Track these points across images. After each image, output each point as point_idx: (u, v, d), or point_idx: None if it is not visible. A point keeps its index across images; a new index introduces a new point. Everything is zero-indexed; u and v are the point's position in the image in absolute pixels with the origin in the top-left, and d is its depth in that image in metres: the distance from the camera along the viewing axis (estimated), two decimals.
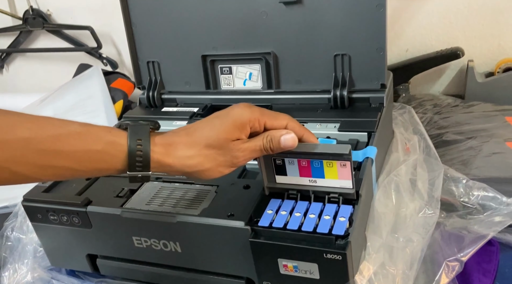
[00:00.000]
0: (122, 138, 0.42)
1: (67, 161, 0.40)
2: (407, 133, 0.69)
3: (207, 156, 0.43)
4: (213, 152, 0.43)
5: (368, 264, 0.44)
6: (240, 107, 0.45)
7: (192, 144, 0.43)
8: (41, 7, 1.14)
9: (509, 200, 0.57)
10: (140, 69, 0.76)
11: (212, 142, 0.43)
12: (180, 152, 0.43)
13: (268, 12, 0.66)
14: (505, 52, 0.89)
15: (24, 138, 0.38)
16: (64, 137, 0.40)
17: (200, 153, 0.43)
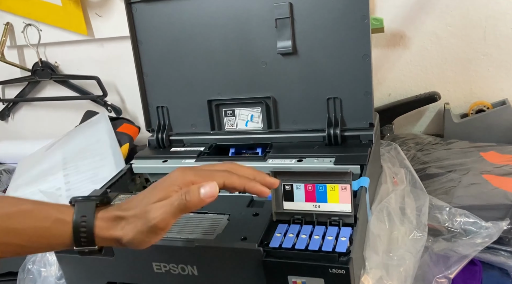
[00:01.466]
0: (68, 216, 0.45)
1: (17, 238, 0.43)
2: (394, 167, 0.76)
3: (131, 224, 0.45)
4: (135, 219, 0.45)
5: (368, 278, 0.50)
6: (174, 172, 0.48)
7: (123, 216, 0.45)
8: (50, 59, 1.22)
9: (487, 224, 0.64)
10: (150, 114, 0.83)
11: (136, 210, 0.45)
12: (118, 225, 0.45)
13: (268, 62, 0.75)
14: (476, 95, 0.99)
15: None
16: (15, 215, 0.44)
17: (127, 222, 0.45)
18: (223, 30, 0.75)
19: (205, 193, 0.45)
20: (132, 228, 0.45)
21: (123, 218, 0.45)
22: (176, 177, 0.47)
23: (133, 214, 0.45)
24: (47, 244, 0.45)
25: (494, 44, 0.94)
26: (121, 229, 0.45)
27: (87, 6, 1.12)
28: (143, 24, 0.79)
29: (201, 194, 0.45)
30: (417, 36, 0.98)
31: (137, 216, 0.45)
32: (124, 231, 0.45)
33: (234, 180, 0.48)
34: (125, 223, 0.45)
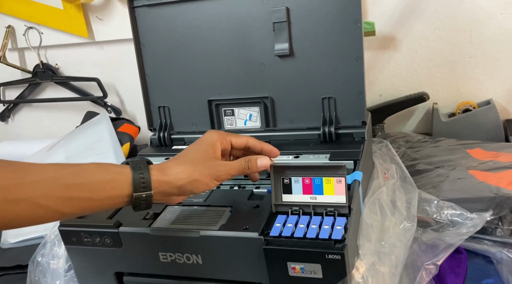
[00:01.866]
0: (127, 169, 0.52)
1: (85, 191, 0.49)
2: (386, 163, 0.81)
3: (194, 170, 0.55)
4: (198, 167, 0.55)
5: (361, 263, 0.54)
6: (209, 133, 0.61)
7: (181, 163, 0.55)
8: (50, 61, 1.25)
9: (472, 215, 0.68)
10: (152, 113, 0.87)
11: (196, 160, 0.56)
12: (173, 170, 0.54)
13: (266, 63, 0.78)
14: (462, 96, 1.04)
15: (51, 177, 0.47)
16: (82, 172, 0.50)
17: (188, 168, 0.54)
18: (223, 33, 0.79)
19: (261, 164, 0.59)
20: (197, 173, 0.54)
21: (180, 165, 0.55)
22: (212, 135, 0.60)
23: (192, 162, 0.55)
24: (108, 196, 0.50)
25: (479, 47, 0.99)
26: (181, 173, 0.54)
27: (88, 9, 1.15)
28: (146, 27, 0.83)
29: (258, 163, 0.59)
30: (407, 39, 1.02)
31: (200, 165, 0.55)
32: (185, 174, 0.54)
33: (254, 141, 0.62)
34: (184, 169, 0.54)
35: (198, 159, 0.56)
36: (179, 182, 0.54)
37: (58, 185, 0.47)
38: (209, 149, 0.58)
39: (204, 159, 0.56)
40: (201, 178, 0.55)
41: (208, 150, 0.57)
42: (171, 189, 0.54)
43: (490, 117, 0.97)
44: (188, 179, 0.54)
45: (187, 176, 0.54)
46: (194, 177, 0.54)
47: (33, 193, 0.46)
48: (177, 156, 0.57)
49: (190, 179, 0.54)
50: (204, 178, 0.55)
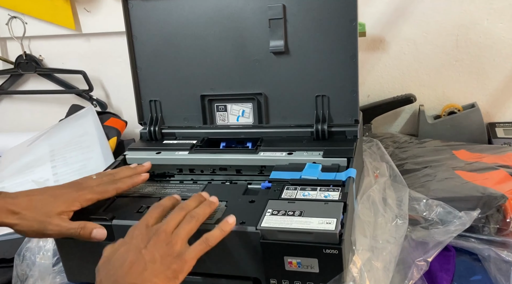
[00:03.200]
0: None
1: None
2: (375, 162, 0.82)
3: (28, 222, 0.56)
4: (34, 221, 0.57)
5: (358, 258, 0.54)
6: (72, 186, 0.62)
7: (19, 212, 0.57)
8: (34, 52, 1.22)
9: (460, 214, 0.70)
10: (143, 107, 0.86)
11: (37, 214, 0.57)
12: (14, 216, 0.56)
13: (260, 60, 0.79)
14: (448, 99, 1.06)
15: None
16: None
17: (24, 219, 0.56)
18: (217, 28, 0.79)
19: (95, 235, 0.58)
20: (28, 226, 0.56)
21: (19, 213, 0.56)
22: (74, 192, 0.60)
23: (33, 216, 0.56)
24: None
25: (465, 52, 1.01)
26: (17, 220, 0.56)
27: (76, 1, 1.13)
28: (139, 20, 0.82)
29: (92, 234, 0.58)
30: (395, 42, 1.04)
31: (36, 219, 0.56)
32: (20, 223, 0.56)
33: None
34: (21, 218, 0.56)
35: (44, 208, 0.57)
36: (15, 228, 0.56)
37: None
38: (61, 205, 0.58)
39: (49, 210, 0.57)
40: (28, 232, 0.57)
41: (59, 205, 0.58)
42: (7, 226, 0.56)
43: (474, 120, 1.00)
44: (19, 229, 0.56)
45: (18, 224, 0.56)
46: (24, 229, 0.56)
47: None
48: (27, 195, 0.58)
49: (20, 229, 0.56)
50: (30, 232, 0.57)
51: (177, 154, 0.77)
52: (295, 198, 0.60)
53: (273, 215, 0.57)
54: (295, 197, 0.60)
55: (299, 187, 0.63)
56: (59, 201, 0.58)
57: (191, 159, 0.76)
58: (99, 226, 0.58)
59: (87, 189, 0.61)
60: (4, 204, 0.56)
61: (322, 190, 0.61)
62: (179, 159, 0.76)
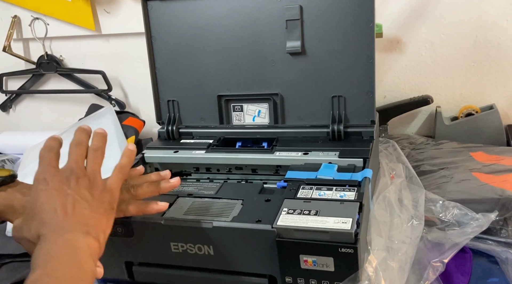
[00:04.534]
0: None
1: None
2: (391, 163, 0.82)
3: (28, 224, 0.48)
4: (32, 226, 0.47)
5: (373, 257, 0.55)
6: None
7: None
8: (55, 53, 1.25)
9: (477, 216, 0.69)
10: (161, 107, 0.87)
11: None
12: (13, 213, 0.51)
13: (276, 60, 0.79)
14: (465, 100, 1.06)
15: None
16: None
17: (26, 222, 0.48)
18: (235, 29, 0.80)
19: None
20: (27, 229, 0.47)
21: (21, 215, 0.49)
22: None
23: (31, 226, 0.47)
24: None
25: (483, 53, 1.01)
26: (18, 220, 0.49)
27: (96, 2, 1.15)
28: (158, 21, 0.83)
29: None
30: (412, 43, 1.04)
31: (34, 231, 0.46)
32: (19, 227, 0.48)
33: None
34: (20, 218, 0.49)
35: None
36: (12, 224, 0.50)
37: None
38: None
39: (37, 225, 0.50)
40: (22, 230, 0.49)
41: None
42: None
43: (492, 122, 0.99)
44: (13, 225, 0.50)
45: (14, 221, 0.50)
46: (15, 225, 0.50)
47: None
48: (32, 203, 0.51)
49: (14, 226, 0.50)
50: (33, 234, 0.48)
51: (194, 153, 0.79)
52: (310, 197, 0.61)
53: (289, 213, 0.58)
54: (310, 196, 0.61)
55: (315, 187, 0.63)
56: None
57: (207, 158, 0.77)
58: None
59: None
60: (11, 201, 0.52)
61: (338, 189, 0.62)
62: (196, 157, 0.77)
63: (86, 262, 0.43)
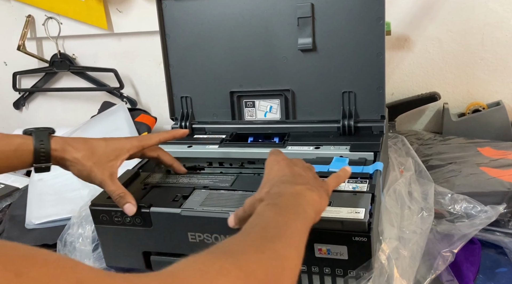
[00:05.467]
0: (29, 140, 0.58)
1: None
2: (400, 157, 0.83)
3: (89, 159, 0.61)
4: (93, 158, 0.61)
5: (386, 246, 0.56)
6: (124, 140, 0.66)
7: (81, 148, 0.61)
8: (68, 51, 1.27)
9: (486, 208, 0.71)
10: (174, 103, 0.89)
11: (96, 151, 0.62)
12: (71, 148, 0.60)
13: (288, 57, 0.81)
14: (472, 96, 1.07)
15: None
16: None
17: (86, 154, 0.61)
18: (247, 27, 0.82)
19: (126, 208, 0.62)
20: (79, 169, 0.61)
21: (75, 155, 0.60)
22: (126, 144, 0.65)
23: (86, 161, 0.61)
24: (12, 164, 0.58)
25: (490, 50, 1.02)
26: (73, 159, 0.60)
27: (108, 1, 1.17)
28: (172, 19, 0.85)
29: (125, 206, 0.61)
30: (420, 40, 1.05)
31: (88, 165, 0.61)
32: (75, 163, 0.60)
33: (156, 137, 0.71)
34: (77, 159, 0.60)
35: (98, 153, 0.62)
36: (71, 162, 0.60)
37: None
38: (112, 153, 0.63)
39: (101, 157, 0.62)
40: (89, 167, 0.61)
41: (111, 153, 0.63)
42: (63, 163, 0.61)
43: (499, 118, 1.00)
44: (78, 163, 0.60)
45: (79, 160, 0.60)
46: (81, 163, 0.60)
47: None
48: (85, 139, 0.63)
49: (78, 162, 0.60)
50: (86, 167, 0.61)
51: (207, 147, 0.80)
52: None
53: None
54: None
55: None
56: (111, 148, 0.63)
57: (220, 152, 0.79)
58: (134, 202, 0.62)
59: (134, 138, 0.67)
60: (65, 143, 0.61)
61: (350, 182, 0.63)
62: (210, 152, 0.79)
63: (308, 207, 0.48)
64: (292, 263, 0.40)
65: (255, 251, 0.37)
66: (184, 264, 0.33)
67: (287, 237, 0.42)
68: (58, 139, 0.61)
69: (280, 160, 0.56)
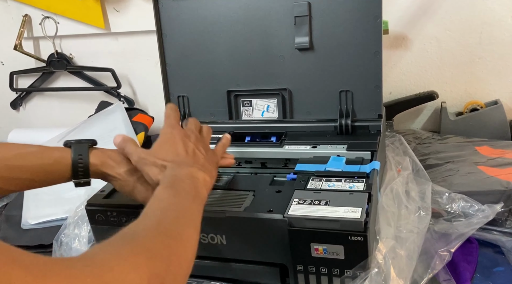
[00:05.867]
0: (68, 154, 0.56)
1: (27, 173, 0.54)
2: (398, 157, 0.83)
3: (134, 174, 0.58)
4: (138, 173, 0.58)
5: (382, 245, 0.56)
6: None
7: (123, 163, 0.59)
8: (65, 51, 1.27)
9: (483, 207, 0.70)
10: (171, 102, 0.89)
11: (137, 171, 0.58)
12: (111, 162, 0.58)
13: (285, 56, 0.81)
14: (470, 95, 1.07)
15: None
16: (26, 155, 0.54)
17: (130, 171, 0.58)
18: (244, 26, 0.81)
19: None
20: (122, 185, 0.59)
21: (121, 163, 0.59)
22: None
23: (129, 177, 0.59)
24: (50, 178, 0.56)
25: (488, 49, 1.02)
26: (112, 169, 0.58)
27: (105, 1, 1.17)
28: (168, 18, 0.85)
29: None
30: (418, 39, 1.05)
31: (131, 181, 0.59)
32: (118, 179, 0.58)
33: None
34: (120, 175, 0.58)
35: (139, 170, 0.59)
36: (112, 177, 0.59)
37: (1, 166, 0.52)
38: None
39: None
40: (132, 183, 0.58)
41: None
42: (105, 179, 0.60)
43: (497, 117, 1.00)
44: (120, 179, 0.58)
45: (121, 175, 0.58)
46: (122, 179, 0.58)
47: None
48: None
49: (119, 177, 0.58)
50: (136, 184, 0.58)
51: None
52: (320, 188, 0.62)
53: (300, 204, 0.59)
54: (320, 187, 0.63)
55: (324, 178, 0.65)
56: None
57: None
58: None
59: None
60: (104, 157, 0.58)
61: (347, 181, 0.63)
62: None
63: (202, 188, 0.53)
64: (192, 241, 0.45)
65: (159, 234, 0.41)
66: (99, 248, 0.37)
67: (186, 218, 0.46)
68: (98, 153, 0.58)
69: (176, 133, 0.58)
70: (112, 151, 0.60)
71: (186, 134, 0.59)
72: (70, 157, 0.55)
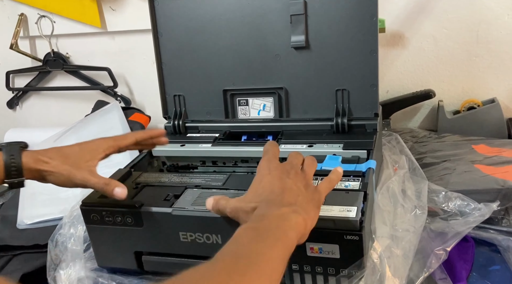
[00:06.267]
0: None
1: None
2: (394, 155, 0.83)
3: (63, 163, 0.60)
4: (67, 164, 0.60)
5: (378, 244, 0.56)
6: (97, 140, 0.65)
7: (54, 156, 0.60)
8: (61, 50, 1.26)
9: (479, 205, 0.70)
10: (167, 102, 0.89)
11: (70, 157, 0.61)
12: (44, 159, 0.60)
13: (281, 54, 0.81)
14: (467, 94, 1.07)
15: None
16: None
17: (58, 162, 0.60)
18: (240, 25, 0.81)
19: (116, 193, 0.60)
20: (58, 175, 0.60)
21: (50, 163, 0.60)
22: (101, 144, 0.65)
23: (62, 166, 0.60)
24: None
25: (485, 47, 1.02)
26: (48, 168, 0.59)
27: (101, 0, 1.16)
28: (164, 17, 0.85)
29: (114, 191, 0.60)
30: (415, 37, 1.05)
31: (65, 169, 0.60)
32: (51, 171, 0.59)
33: (142, 133, 0.70)
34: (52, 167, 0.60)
35: (72, 157, 0.61)
36: (47, 172, 0.60)
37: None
38: (87, 154, 0.62)
39: (77, 159, 0.61)
40: (66, 171, 0.60)
41: (85, 155, 0.62)
42: (39, 178, 0.61)
43: (494, 115, 1.00)
44: (54, 171, 0.60)
45: (54, 167, 0.60)
46: (57, 170, 0.60)
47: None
48: (57, 148, 0.63)
49: (54, 170, 0.60)
50: (63, 172, 0.60)
51: (200, 146, 0.80)
52: None
53: None
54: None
55: (320, 177, 0.64)
56: (85, 150, 0.63)
57: (214, 151, 0.79)
58: (122, 185, 0.61)
59: (110, 138, 0.66)
60: (37, 155, 0.60)
61: (342, 180, 0.63)
62: (203, 151, 0.79)
63: (291, 231, 0.47)
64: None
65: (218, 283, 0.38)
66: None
67: (258, 267, 0.41)
68: (29, 153, 0.60)
69: (273, 169, 0.54)
70: (42, 150, 0.62)
71: (285, 169, 0.54)
72: (2, 158, 0.57)
